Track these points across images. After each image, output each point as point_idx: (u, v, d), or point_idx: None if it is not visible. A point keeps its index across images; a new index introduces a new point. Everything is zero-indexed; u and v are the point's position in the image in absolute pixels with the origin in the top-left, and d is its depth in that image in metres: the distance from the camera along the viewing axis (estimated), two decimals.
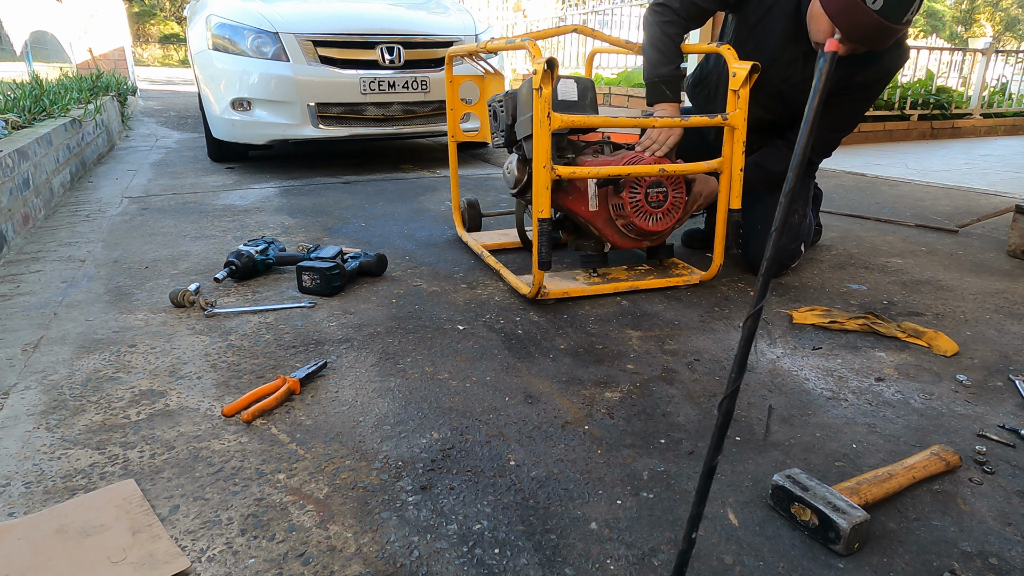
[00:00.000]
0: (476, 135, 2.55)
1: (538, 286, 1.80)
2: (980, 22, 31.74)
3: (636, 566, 0.90)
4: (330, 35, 3.67)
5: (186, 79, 13.83)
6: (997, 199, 3.39)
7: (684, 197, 1.92)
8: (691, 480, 1.09)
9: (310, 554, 0.92)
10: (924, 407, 1.33)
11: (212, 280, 1.96)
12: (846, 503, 0.94)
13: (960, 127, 6.34)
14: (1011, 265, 2.28)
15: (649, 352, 1.57)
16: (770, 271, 0.66)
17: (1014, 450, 1.18)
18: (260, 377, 1.42)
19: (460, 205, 2.55)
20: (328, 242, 2.44)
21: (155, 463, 1.13)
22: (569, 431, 1.23)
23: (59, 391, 1.36)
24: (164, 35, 28.27)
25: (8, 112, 3.26)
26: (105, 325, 1.69)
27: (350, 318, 1.75)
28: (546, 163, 1.63)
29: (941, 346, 1.59)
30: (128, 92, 6.67)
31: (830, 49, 0.66)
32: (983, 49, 6.45)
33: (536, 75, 1.57)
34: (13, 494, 1.04)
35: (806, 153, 0.65)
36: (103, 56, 8.78)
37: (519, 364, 1.50)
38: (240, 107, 3.66)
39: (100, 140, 4.47)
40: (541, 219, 1.66)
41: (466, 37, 4.00)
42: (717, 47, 1.85)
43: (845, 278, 2.12)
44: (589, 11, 7.16)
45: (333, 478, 1.09)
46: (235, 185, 3.57)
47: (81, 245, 2.40)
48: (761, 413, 1.30)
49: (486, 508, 1.02)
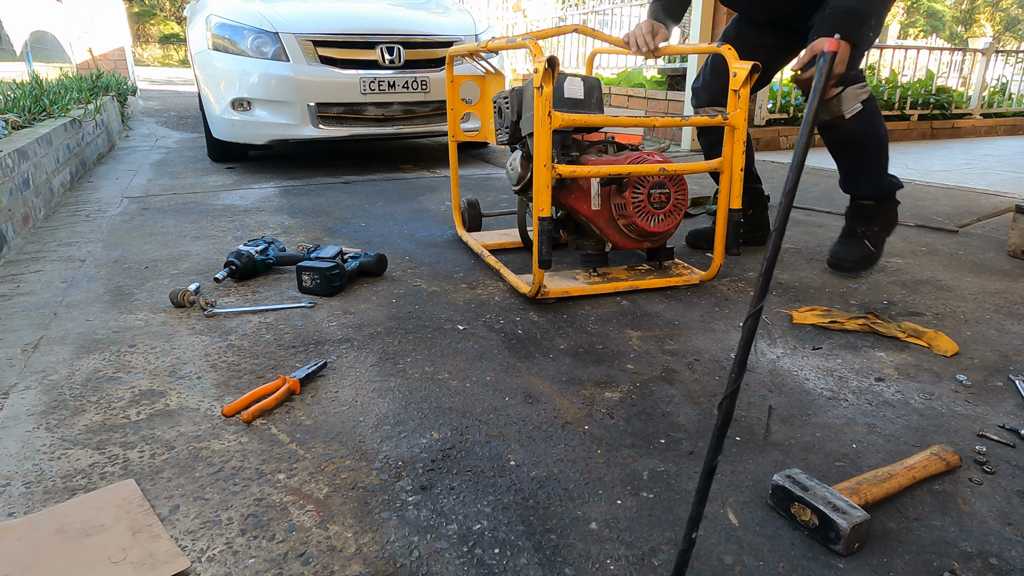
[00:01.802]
0: (476, 135, 2.55)
1: (538, 285, 1.80)
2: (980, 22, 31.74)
3: (636, 566, 0.90)
4: (330, 35, 3.67)
5: (186, 79, 13.83)
6: (997, 199, 3.39)
7: (686, 199, 1.92)
8: (691, 480, 1.09)
9: (310, 554, 0.92)
10: (924, 407, 1.33)
11: (212, 280, 1.96)
12: (846, 503, 0.94)
13: (960, 127, 6.34)
14: (1011, 265, 2.28)
15: (649, 352, 1.57)
16: (770, 271, 0.66)
17: (1014, 450, 1.18)
18: (260, 377, 1.42)
19: (460, 205, 2.55)
20: (328, 242, 2.44)
21: (155, 463, 1.13)
22: (569, 431, 1.23)
23: (59, 391, 1.36)
24: (164, 35, 28.27)
25: (8, 112, 3.26)
26: (105, 325, 1.69)
27: (350, 318, 1.75)
28: (547, 162, 1.63)
29: (941, 346, 1.59)
30: (128, 92, 6.67)
31: (830, 49, 0.66)
32: (983, 49, 6.45)
33: (537, 74, 1.57)
34: (13, 494, 1.04)
35: (805, 152, 0.65)
36: (103, 56, 8.78)
37: (519, 364, 1.50)
38: (240, 107, 3.66)
39: (100, 140, 4.47)
40: (542, 218, 1.66)
41: (466, 37, 4.00)
42: (717, 47, 1.85)
43: (845, 278, 2.12)
44: (589, 11, 7.16)
45: (333, 478, 1.09)
46: (235, 185, 3.57)
47: (81, 245, 2.40)
48: (761, 413, 1.30)
49: (486, 508, 1.02)
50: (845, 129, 1.97)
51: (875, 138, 1.99)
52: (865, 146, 2.01)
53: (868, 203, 2.09)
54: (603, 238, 1.99)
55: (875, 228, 2.08)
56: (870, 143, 1.99)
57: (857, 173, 2.07)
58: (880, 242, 2.09)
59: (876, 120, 1.97)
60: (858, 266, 2.09)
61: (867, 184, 2.07)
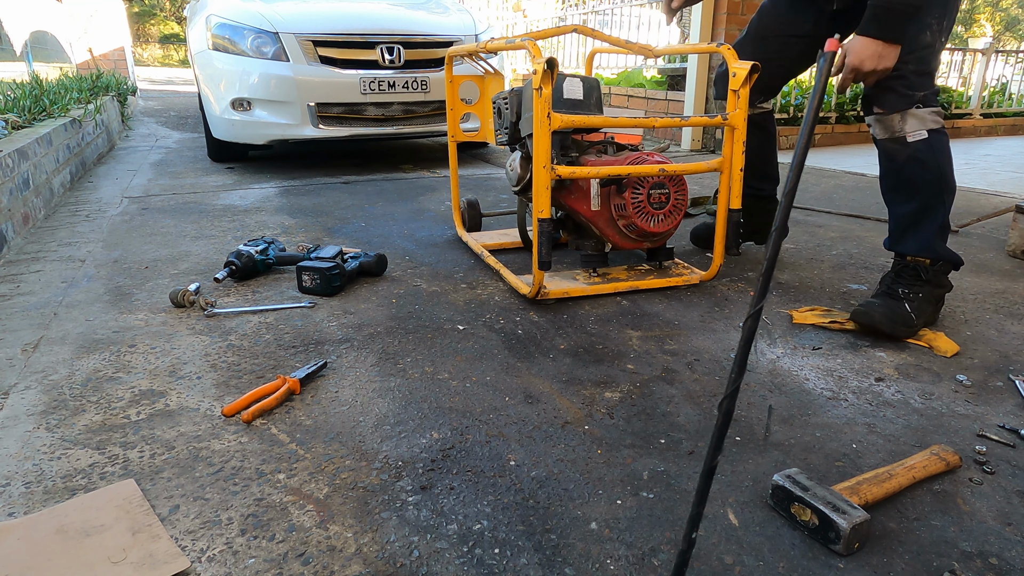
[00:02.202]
0: (476, 135, 2.55)
1: (538, 286, 1.80)
2: (980, 22, 31.75)
3: (636, 566, 0.90)
4: (330, 35, 3.67)
5: (186, 79, 13.83)
6: (997, 199, 3.39)
7: (686, 199, 1.92)
8: (691, 480, 1.09)
9: (310, 554, 0.92)
10: (924, 407, 1.33)
11: (212, 280, 1.96)
12: (846, 503, 0.94)
13: (960, 127, 6.34)
14: (1011, 265, 2.28)
15: (649, 352, 1.57)
16: (770, 271, 0.66)
17: (1014, 450, 1.18)
18: (260, 377, 1.42)
19: (460, 205, 2.55)
20: (328, 242, 2.44)
21: (155, 463, 1.13)
22: (569, 431, 1.23)
23: (59, 391, 1.36)
24: (164, 35, 28.26)
25: (8, 112, 3.26)
26: (105, 325, 1.69)
27: (350, 318, 1.75)
28: (546, 163, 1.63)
29: (941, 347, 1.59)
30: (128, 92, 6.67)
31: (830, 49, 0.66)
32: (983, 49, 6.45)
33: (536, 75, 1.57)
34: (13, 494, 1.04)
35: (805, 152, 0.65)
36: (103, 56, 8.78)
37: (519, 364, 1.50)
38: (240, 107, 3.66)
39: (100, 140, 4.47)
40: (541, 219, 1.67)
41: (466, 37, 4.00)
42: (717, 47, 1.85)
43: (845, 278, 2.12)
44: (589, 11, 7.16)
45: (333, 478, 1.09)
46: (235, 185, 3.57)
47: (81, 245, 2.40)
48: (761, 413, 1.30)
49: (486, 508, 1.02)
50: (902, 154, 1.66)
51: (939, 179, 1.66)
52: (924, 185, 1.67)
53: (920, 260, 1.70)
54: (603, 238, 1.99)
55: (920, 293, 1.67)
56: (932, 183, 1.66)
57: (908, 220, 1.71)
58: (922, 313, 1.65)
59: (943, 159, 1.65)
60: (890, 323, 1.62)
61: (920, 237, 1.69)
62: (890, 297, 1.68)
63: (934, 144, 1.63)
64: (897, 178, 1.70)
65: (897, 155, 1.67)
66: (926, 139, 1.63)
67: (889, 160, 1.70)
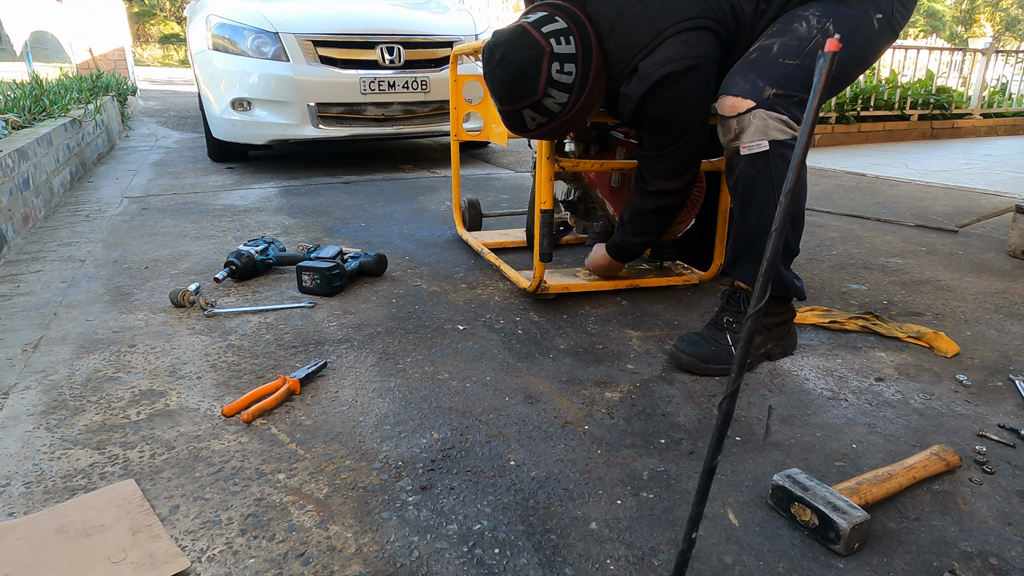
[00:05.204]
0: (478, 135, 2.55)
1: (538, 279, 1.80)
2: (980, 22, 31.75)
3: (636, 566, 0.90)
4: (330, 35, 3.67)
5: (186, 79, 13.83)
6: (997, 199, 3.39)
7: (702, 195, 1.92)
8: (691, 480, 1.09)
9: (310, 554, 0.92)
10: (924, 407, 1.33)
11: (212, 280, 1.96)
12: (846, 503, 0.94)
13: (960, 127, 6.34)
14: (1011, 265, 2.28)
15: (649, 352, 1.57)
16: (770, 271, 0.65)
17: (1014, 450, 1.18)
18: (260, 377, 1.42)
19: (461, 204, 2.56)
20: (328, 242, 2.44)
21: (155, 463, 1.13)
22: (569, 431, 1.23)
23: (59, 391, 1.36)
24: (164, 35, 28.25)
25: (8, 112, 3.26)
26: (105, 325, 1.69)
27: (350, 318, 1.75)
28: (549, 154, 1.66)
29: (942, 347, 1.59)
30: (128, 92, 6.67)
31: (830, 49, 0.66)
32: (983, 49, 6.45)
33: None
34: (13, 494, 1.04)
35: (806, 151, 0.65)
36: (103, 56, 8.78)
37: (519, 364, 1.50)
38: (240, 107, 3.66)
39: (100, 140, 4.47)
40: (543, 211, 1.69)
41: (466, 37, 4.00)
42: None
43: (845, 278, 2.12)
44: None
45: (333, 478, 1.09)
46: (235, 185, 3.57)
47: (81, 245, 2.40)
48: (761, 413, 1.30)
49: (486, 508, 1.02)
50: (734, 171, 1.42)
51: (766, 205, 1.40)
52: (755, 207, 1.41)
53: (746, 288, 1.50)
54: (614, 218, 2.00)
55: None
56: (762, 210, 1.41)
57: (739, 241, 1.48)
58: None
59: (777, 180, 1.36)
60: (701, 364, 1.45)
61: (748, 265, 1.48)
62: (715, 327, 1.51)
63: (773, 161, 1.37)
64: (733, 191, 1.47)
65: (732, 169, 1.44)
66: (764, 152, 1.36)
67: (728, 170, 1.47)
